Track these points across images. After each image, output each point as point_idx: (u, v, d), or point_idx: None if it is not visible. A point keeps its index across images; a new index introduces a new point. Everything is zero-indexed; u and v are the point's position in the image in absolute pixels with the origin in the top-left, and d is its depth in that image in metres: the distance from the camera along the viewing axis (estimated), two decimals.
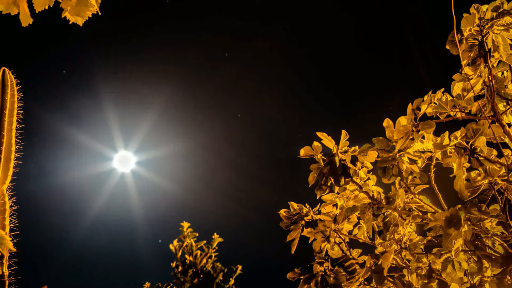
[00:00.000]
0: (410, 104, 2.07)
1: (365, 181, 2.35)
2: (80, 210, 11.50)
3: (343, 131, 2.28)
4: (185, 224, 6.86)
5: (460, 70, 2.12)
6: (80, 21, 1.55)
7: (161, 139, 11.16)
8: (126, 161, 11.03)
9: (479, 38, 1.97)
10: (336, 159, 2.26)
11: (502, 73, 2.09)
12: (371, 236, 2.40)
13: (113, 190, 11.27)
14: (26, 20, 1.45)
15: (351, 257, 2.24)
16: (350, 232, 2.51)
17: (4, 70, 2.10)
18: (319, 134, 2.29)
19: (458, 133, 2.05)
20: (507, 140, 2.02)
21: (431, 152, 2.17)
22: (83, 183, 11.21)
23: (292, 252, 2.32)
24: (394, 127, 2.11)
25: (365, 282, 2.25)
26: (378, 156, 2.25)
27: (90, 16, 1.55)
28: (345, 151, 2.29)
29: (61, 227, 11.79)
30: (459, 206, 1.89)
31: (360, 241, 2.50)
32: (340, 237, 2.42)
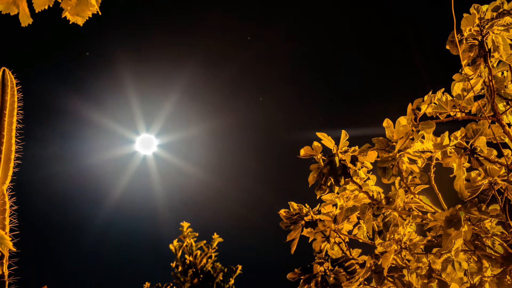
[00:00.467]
0: (410, 104, 2.07)
1: (365, 181, 2.35)
2: (103, 193, 11.52)
3: (343, 131, 2.28)
4: (185, 224, 6.86)
5: (460, 70, 2.12)
6: (80, 21, 1.55)
7: (183, 122, 11.09)
8: (148, 144, 10.98)
9: (479, 38, 1.97)
10: (336, 159, 2.26)
11: (502, 73, 2.09)
12: (371, 236, 2.40)
13: (135, 172, 11.30)
14: (25, 20, 1.45)
15: (351, 257, 2.24)
16: (350, 232, 2.51)
17: (4, 70, 2.10)
18: (319, 134, 2.29)
19: (458, 133, 2.05)
20: (507, 140, 2.02)
21: (431, 152, 2.17)
22: (105, 166, 11.23)
23: (292, 252, 2.32)
24: (394, 127, 2.11)
25: (365, 282, 2.25)
26: (378, 156, 2.25)
27: (90, 16, 1.55)
28: (345, 151, 2.29)
29: (83, 210, 11.83)
30: (459, 206, 1.89)
31: (360, 241, 2.50)
32: (340, 237, 2.42)
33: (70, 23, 1.55)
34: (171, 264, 6.76)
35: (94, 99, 10.67)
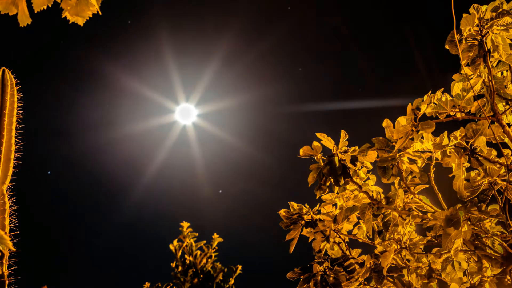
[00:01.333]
0: (410, 104, 2.07)
1: (364, 181, 2.36)
2: (144, 162, 11.58)
3: (343, 131, 2.28)
4: (185, 224, 6.86)
5: (459, 70, 2.12)
6: (80, 21, 1.55)
7: (222, 92, 11.09)
8: (188, 113, 11.04)
9: (479, 38, 1.97)
10: (336, 159, 2.26)
11: (502, 73, 2.09)
12: (371, 236, 2.40)
13: (175, 142, 11.36)
14: (24, 20, 1.45)
15: (350, 256, 2.24)
16: (349, 232, 2.51)
17: (4, 70, 2.10)
18: (318, 134, 2.29)
19: (457, 133, 2.05)
20: (507, 140, 2.02)
21: (430, 152, 2.17)
22: (146, 135, 11.33)
23: (290, 251, 2.32)
24: (394, 127, 2.11)
25: (365, 282, 2.25)
26: (378, 156, 2.25)
27: (91, 16, 1.55)
28: (345, 151, 2.29)
29: (123, 179, 11.90)
30: (459, 205, 1.89)
31: (360, 241, 2.50)
32: (339, 237, 2.42)
33: (70, 22, 1.55)
34: (171, 264, 6.76)
35: (135, 69, 10.74)
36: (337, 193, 2.43)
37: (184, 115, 11.05)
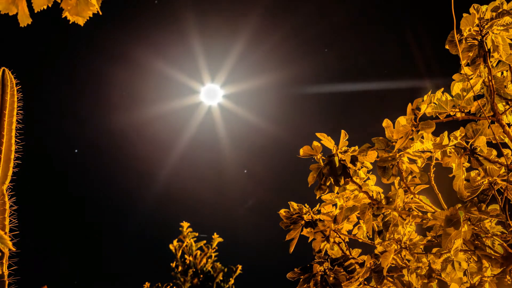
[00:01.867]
0: (410, 104, 2.07)
1: (365, 181, 2.36)
2: (169, 143, 11.60)
3: (343, 131, 2.28)
4: (185, 224, 6.87)
5: (459, 70, 2.12)
6: (81, 21, 1.55)
7: (248, 73, 10.99)
8: (213, 94, 10.97)
9: (479, 38, 1.97)
10: (336, 159, 2.26)
11: (502, 73, 2.09)
12: (371, 236, 2.41)
13: (201, 123, 11.35)
14: (24, 20, 1.45)
15: (350, 256, 2.24)
16: (349, 232, 2.51)
17: (4, 70, 2.10)
18: (318, 134, 2.29)
19: (457, 133, 2.05)
20: (507, 140, 2.02)
21: (430, 152, 2.17)
22: (172, 116, 11.33)
23: (290, 251, 2.32)
24: (394, 127, 2.11)
25: (365, 282, 2.25)
26: (378, 156, 2.25)
27: (91, 15, 1.55)
28: (345, 151, 2.29)
29: (148, 160, 11.92)
30: (459, 205, 1.89)
31: (360, 241, 2.50)
32: (339, 237, 2.42)
33: (70, 22, 1.55)
34: (171, 264, 6.76)
35: (161, 49, 10.67)
36: (337, 193, 2.43)
37: (209, 96, 10.99)
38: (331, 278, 2.11)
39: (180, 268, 6.72)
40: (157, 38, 10.54)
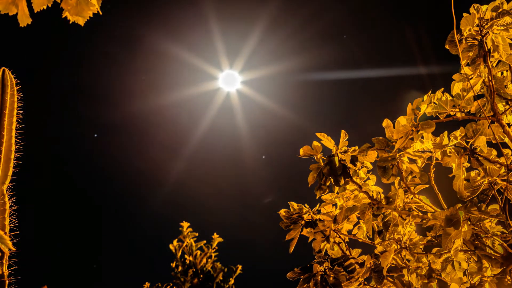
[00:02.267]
0: (410, 104, 2.07)
1: (365, 181, 2.36)
2: (187, 128, 11.63)
3: (343, 131, 2.28)
4: (185, 224, 6.87)
5: (459, 70, 2.11)
6: (81, 21, 1.55)
7: (267, 59, 10.93)
8: (232, 80, 10.91)
9: (479, 38, 1.97)
10: (336, 159, 2.26)
11: (502, 73, 2.09)
12: (371, 236, 2.41)
13: (219, 109, 11.34)
14: (24, 20, 1.45)
15: (350, 256, 2.24)
16: (349, 232, 2.51)
17: (4, 70, 2.10)
18: (318, 134, 2.29)
19: (457, 133, 2.05)
20: (507, 140, 2.02)
21: (430, 152, 2.17)
22: (190, 102, 11.33)
23: (290, 251, 2.32)
24: (394, 127, 2.11)
25: (365, 282, 2.25)
26: (378, 156, 2.25)
27: (91, 15, 1.55)
28: (345, 151, 2.29)
29: (167, 145, 11.94)
30: (459, 205, 1.89)
31: (360, 241, 2.50)
32: (339, 237, 2.42)
33: (70, 22, 1.55)
34: (171, 264, 6.76)
35: (179, 35, 10.63)
36: (337, 193, 2.43)
37: (228, 82, 10.94)
38: (331, 278, 2.11)
39: (180, 268, 6.72)
40: (176, 23, 10.50)
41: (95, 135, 11.51)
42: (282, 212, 2.41)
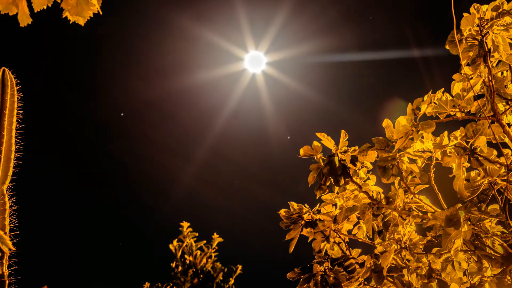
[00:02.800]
0: (410, 104, 2.07)
1: (365, 181, 2.35)
2: (213, 110, 11.68)
3: (343, 131, 2.28)
4: (185, 224, 6.86)
5: (460, 70, 2.11)
6: (81, 21, 1.55)
7: (292, 40, 10.83)
8: (257, 61, 10.88)
9: (479, 38, 1.97)
10: (336, 159, 2.26)
11: (502, 73, 2.09)
12: (371, 236, 2.40)
13: (245, 90, 11.32)
14: (25, 20, 1.45)
15: (350, 256, 2.24)
16: (349, 232, 2.51)
17: (4, 70, 2.10)
18: (318, 134, 2.29)
19: (457, 133, 2.05)
20: (507, 140, 2.02)
21: (430, 152, 2.17)
22: (215, 83, 11.33)
23: (290, 251, 2.32)
24: (394, 127, 2.11)
25: (365, 282, 2.25)
26: (378, 156, 2.25)
27: (92, 15, 1.55)
28: (345, 151, 2.29)
29: (193, 126, 11.98)
30: (459, 205, 1.89)
31: (360, 240, 2.50)
32: (339, 237, 2.42)
33: (71, 22, 1.55)
34: (171, 264, 6.76)
35: (205, 16, 10.59)
36: (337, 193, 2.43)
37: (253, 63, 10.88)
38: (331, 278, 2.11)
39: (180, 268, 6.72)
40: (203, 5, 10.44)
41: (122, 114, 11.56)
42: (282, 212, 2.41)
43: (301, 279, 2.14)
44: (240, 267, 6.93)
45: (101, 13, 1.54)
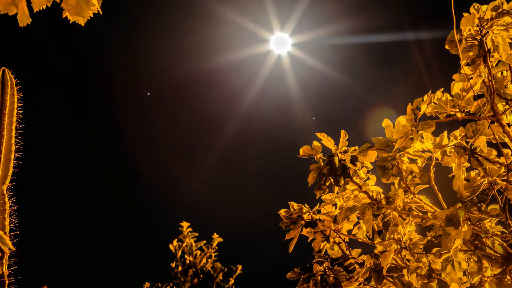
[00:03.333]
0: (410, 104, 2.07)
1: (365, 181, 2.35)
2: (238, 92, 11.69)
3: (342, 131, 2.28)
4: (185, 224, 6.87)
5: (459, 70, 2.11)
6: (81, 21, 1.54)
7: (317, 21, 10.79)
8: (282, 43, 10.87)
9: (479, 38, 1.97)
10: (336, 159, 2.26)
11: (502, 73, 2.09)
12: (370, 236, 2.41)
13: (270, 71, 11.34)
14: (24, 20, 1.45)
15: (350, 256, 2.24)
16: (349, 232, 2.51)
17: (4, 70, 2.10)
18: (318, 134, 2.29)
19: (457, 133, 2.05)
20: (507, 140, 2.02)
21: (430, 152, 2.17)
22: (241, 65, 11.34)
23: (289, 251, 2.32)
24: (394, 127, 2.11)
25: (365, 282, 2.25)
26: (377, 156, 2.25)
27: (92, 15, 1.55)
28: (345, 151, 2.29)
29: (218, 108, 12.01)
30: (459, 205, 1.89)
31: (360, 241, 2.50)
32: (339, 236, 2.42)
33: (71, 22, 1.55)
34: (171, 264, 6.76)
35: None
36: (337, 193, 2.43)
37: (278, 45, 10.88)
38: (331, 278, 2.11)
39: (180, 268, 6.72)
40: None
41: (148, 94, 11.59)
42: (282, 212, 2.41)
43: (301, 279, 2.14)
44: (240, 267, 6.93)
45: (101, 13, 1.54)
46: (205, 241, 6.89)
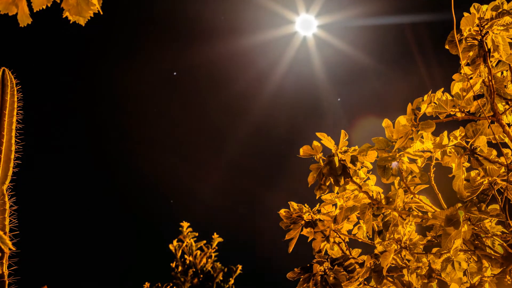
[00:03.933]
0: (410, 104, 2.07)
1: (365, 181, 2.35)
2: (264, 74, 11.66)
3: (342, 131, 2.28)
4: (185, 224, 6.87)
5: (459, 70, 2.11)
6: (82, 21, 1.55)
7: (343, 2, 10.63)
8: (308, 24, 10.76)
9: (479, 38, 1.97)
10: (336, 159, 2.26)
11: (502, 73, 2.09)
12: (370, 236, 2.41)
13: (296, 53, 11.28)
14: (24, 20, 1.45)
15: (350, 256, 2.24)
16: (349, 232, 2.51)
17: (4, 70, 2.10)
18: (318, 134, 2.29)
19: (457, 133, 2.05)
20: (507, 140, 2.02)
21: (430, 152, 2.17)
22: (266, 46, 11.30)
23: (289, 251, 2.32)
24: (394, 127, 2.11)
25: (365, 282, 2.25)
26: (378, 156, 2.25)
27: (92, 15, 1.55)
28: (345, 151, 2.29)
29: (243, 91, 12.02)
30: (459, 205, 1.89)
31: (360, 241, 2.50)
32: (339, 237, 2.42)
33: (71, 22, 1.55)
34: (171, 264, 6.77)
35: None
36: (337, 193, 2.43)
37: (304, 26, 10.78)
38: (331, 278, 2.11)
39: (180, 268, 6.72)
40: None
41: (174, 73, 11.57)
42: (282, 212, 2.41)
43: (301, 279, 2.15)
44: (240, 267, 6.93)
45: (101, 13, 1.54)
46: (205, 241, 6.89)
